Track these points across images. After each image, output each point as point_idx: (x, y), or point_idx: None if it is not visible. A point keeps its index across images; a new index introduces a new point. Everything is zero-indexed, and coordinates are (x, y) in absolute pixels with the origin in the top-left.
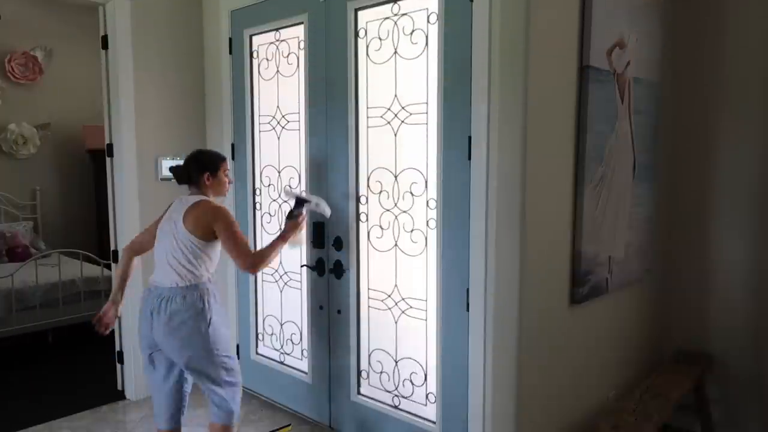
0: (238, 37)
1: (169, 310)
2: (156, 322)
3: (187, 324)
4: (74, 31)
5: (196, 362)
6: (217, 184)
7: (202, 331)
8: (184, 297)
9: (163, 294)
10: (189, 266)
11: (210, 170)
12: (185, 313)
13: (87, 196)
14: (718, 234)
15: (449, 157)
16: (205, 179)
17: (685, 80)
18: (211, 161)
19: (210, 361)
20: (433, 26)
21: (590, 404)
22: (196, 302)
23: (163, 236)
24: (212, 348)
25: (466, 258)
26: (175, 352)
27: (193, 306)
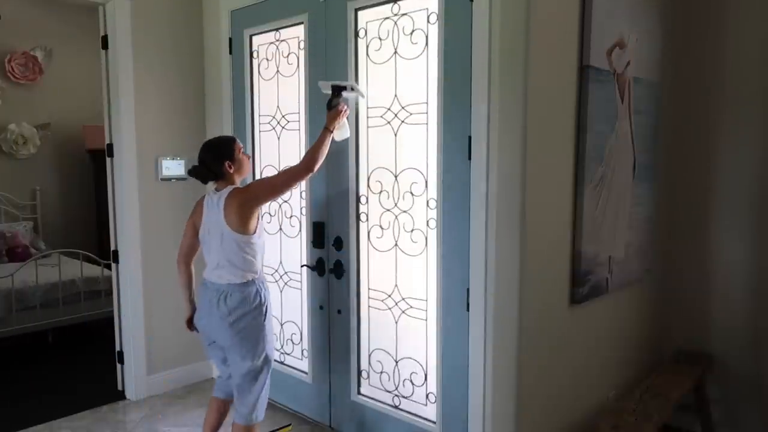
0: (238, 37)
1: (229, 305)
2: (213, 317)
3: (244, 319)
4: (74, 31)
5: (248, 356)
6: (238, 168)
7: (259, 324)
8: (242, 292)
9: (221, 289)
10: (240, 264)
11: (228, 157)
12: (242, 309)
13: (87, 196)
14: (718, 234)
15: (449, 157)
16: (227, 168)
17: (685, 80)
18: (225, 148)
19: (258, 355)
20: (433, 26)
21: (590, 404)
22: (253, 297)
23: (209, 237)
24: (267, 341)
25: (466, 258)
26: (230, 346)
27: (250, 301)
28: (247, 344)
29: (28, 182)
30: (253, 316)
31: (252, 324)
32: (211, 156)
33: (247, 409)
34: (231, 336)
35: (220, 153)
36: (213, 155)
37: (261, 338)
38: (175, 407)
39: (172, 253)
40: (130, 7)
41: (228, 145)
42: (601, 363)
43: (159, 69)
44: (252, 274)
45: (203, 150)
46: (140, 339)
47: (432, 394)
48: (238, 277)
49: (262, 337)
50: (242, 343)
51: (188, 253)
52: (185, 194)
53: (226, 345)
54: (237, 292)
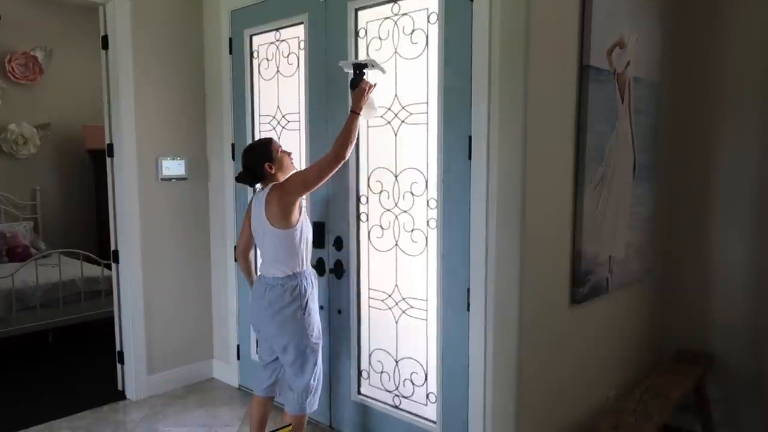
0: (238, 37)
1: (269, 297)
2: (260, 308)
3: (283, 312)
4: (74, 31)
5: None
6: (279, 167)
7: (298, 317)
8: (282, 286)
9: (267, 282)
10: (282, 258)
11: (267, 159)
12: (282, 300)
13: (87, 196)
14: (718, 234)
15: (449, 156)
16: (268, 168)
17: (685, 80)
18: (263, 150)
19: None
20: (434, 26)
21: (590, 404)
22: (293, 291)
23: (257, 233)
24: (307, 333)
25: (467, 258)
26: (272, 336)
27: (290, 294)
28: (287, 335)
29: (28, 182)
30: (293, 309)
31: (292, 316)
32: (251, 160)
33: (296, 399)
34: (273, 327)
35: (259, 156)
36: (253, 159)
37: (302, 330)
38: (176, 407)
39: (172, 253)
40: (130, 7)
41: (265, 147)
42: (601, 363)
43: (159, 69)
44: (293, 268)
45: (244, 156)
46: (140, 339)
47: (432, 394)
48: (280, 271)
49: (302, 329)
50: (283, 334)
51: (245, 249)
52: (185, 194)
53: (270, 335)
54: (279, 286)
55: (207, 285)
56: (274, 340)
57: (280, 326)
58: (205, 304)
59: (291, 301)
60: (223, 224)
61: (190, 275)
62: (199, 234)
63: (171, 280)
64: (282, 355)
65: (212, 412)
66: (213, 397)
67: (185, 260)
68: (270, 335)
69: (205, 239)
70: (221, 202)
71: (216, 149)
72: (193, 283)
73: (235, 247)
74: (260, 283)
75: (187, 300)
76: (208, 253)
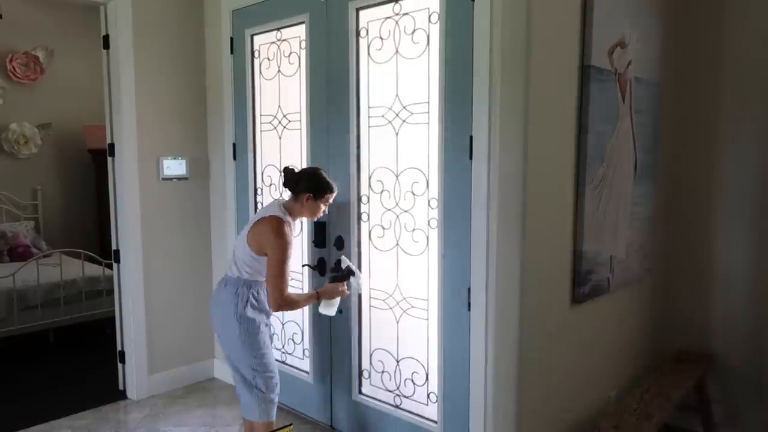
0: (239, 36)
1: (223, 294)
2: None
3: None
4: (75, 30)
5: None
6: (310, 208)
7: (234, 319)
8: (233, 285)
9: (227, 279)
10: (243, 266)
11: (314, 194)
12: (228, 299)
13: (88, 196)
14: (719, 233)
15: (450, 156)
16: (305, 199)
17: (686, 80)
18: (320, 187)
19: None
20: (435, 26)
21: (591, 403)
22: (239, 294)
23: (239, 235)
24: (241, 343)
25: (468, 257)
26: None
27: (236, 296)
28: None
29: (29, 182)
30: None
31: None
32: (307, 182)
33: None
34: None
35: (314, 185)
36: (309, 183)
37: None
38: (176, 407)
39: (173, 253)
40: (131, 6)
41: (324, 188)
42: (602, 362)
43: (160, 69)
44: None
45: (310, 170)
46: (141, 338)
47: (433, 393)
48: (238, 272)
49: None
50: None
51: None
52: (186, 194)
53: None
54: (230, 284)
55: (208, 285)
56: (220, 341)
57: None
58: (206, 303)
59: (232, 301)
60: (224, 224)
61: (191, 275)
62: (200, 233)
63: (172, 280)
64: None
65: (213, 412)
66: (214, 397)
67: (186, 260)
68: (220, 337)
69: (206, 239)
70: (222, 202)
71: (217, 149)
72: (194, 282)
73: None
74: (221, 280)
75: (188, 299)
76: (209, 252)
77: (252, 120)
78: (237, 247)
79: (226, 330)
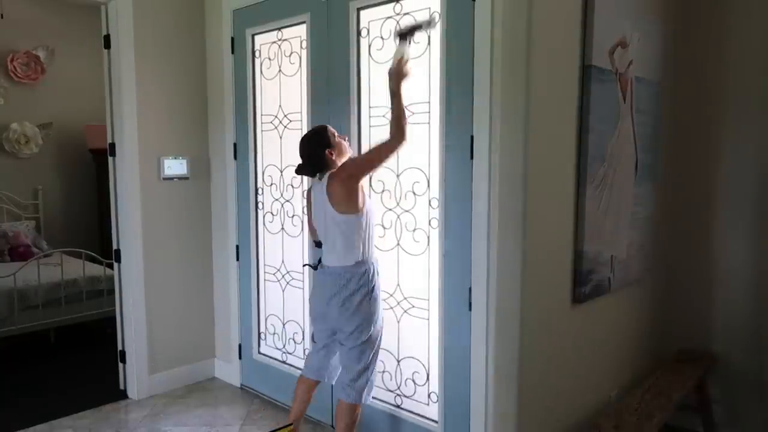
0: (240, 36)
1: (336, 286)
2: (324, 297)
3: (351, 300)
4: (76, 30)
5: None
6: (339, 152)
7: (365, 304)
8: (350, 273)
9: (332, 272)
10: (350, 246)
11: (327, 145)
12: (349, 288)
13: (89, 196)
14: (720, 233)
15: (451, 156)
16: (329, 155)
17: (687, 80)
18: (321, 137)
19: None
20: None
21: (592, 403)
22: (361, 278)
23: (320, 223)
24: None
25: (469, 257)
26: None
27: (358, 281)
28: (354, 323)
29: (30, 181)
30: (361, 296)
31: (359, 304)
32: (311, 149)
33: (351, 387)
34: (340, 316)
35: (317, 143)
36: (313, 148)
37: (369, 317)
38: (177, 406)
39: (174, 252)
40: (132, 6)
41: (322, 134)
42: (602, 362)
43: (161, 68)
44: (361, 255)
45: (303, 146)
46: (142, 338)
47: (434, 393)
48: (347, 259)
49: (368, 316)
50: (351, 322)
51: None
52: (187, 194)
53: (336, 322)
54: (346, 274)
55: (209, 284)
56: (340, 327)
57: (349, 315)
58: (207, 303)
59: (358, 288)
60: (225, 224)
61: (192, 274)
62: (201, 233)
63: (173, 280)
64: (346, 341)
65: (214, 412)
66: (215, 397)
67: (187, 259)
68: (336, 322)
69: (207, 238)
70: (223, 202)
71: (218, 148)
72: (195, 282)
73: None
74: (324, 274)
75: (189, 299)
76: (209, 252)
77: (253, 120)
78: (333, 234)
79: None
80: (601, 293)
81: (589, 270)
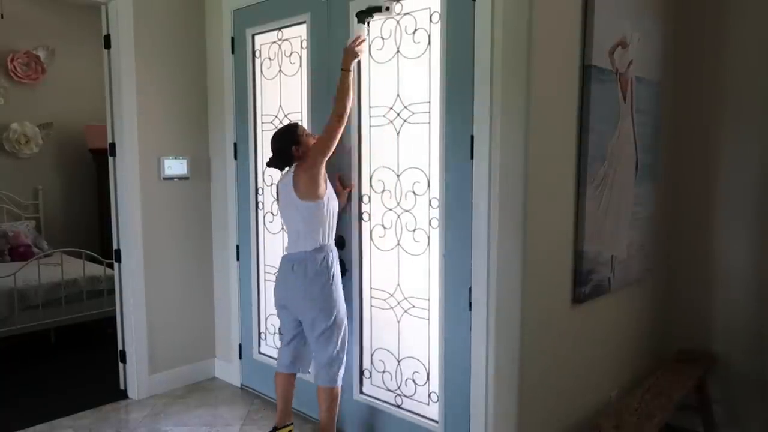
0: (240, 36)
1: (297, 272)
2: (288, 283)
3: (315, 284)
4: (76, 30)
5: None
6: (305, 150)
7: (326, 289)
8: (311, 259)
9: (294, 258)
10: (311, 232)
11: (293, 142)
12: (310, 272)
13: (89, 196)
14: (721, 233)
15: (451, 156)
16: (294, 151)
17: (687, 80)
18: (289, 134)
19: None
20: (436, 25)
21: (592, 403)
22: (320, 263)
23: (285, 212)
24: (335, 305)
25: (469, 257)
26: (301, 310)
27: (318, 266)
28: (316, 308)
29: (30, 181)
30: (322, 281)
31: (321, 289)
32: (278, 144)
33: (325, 372)
34: (303, 301)
35: (285, 139)
36: (281, 143)
37: (330, 302)
38: (177, 406)
39: (174, 252)
40: (132, 6)
41: (291, 131)
42: (603, 362)
43: (161, 68)
44: (321, 241)
45: (272, 141)
46: (142, 338)
47: (434, 393)
48: (308, 244)
49: (331, 300)
50: (312, 307)
51: None
52: (187, 194)
53: (298, 309)
54: (307, 259)
55: (209, 284)
56: (302, 314)
57: (311, 299)
58: (207, 303)
59: (319, 273)
60: (225, 224)
61: (192, 274)
62: (201, 233)
63: (173, 280)
64: (309, 329)
65: (214, 412)
66: (215, 397)
67: (187, 259)
68: (298, 309)
69: (207, 238)
70: (223, 202)
71: (218, 148)
72: (195, 282)
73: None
74: (286, 261)
75: (189, 299)
76: (210, 252)
77: (253, 119)
78: (295, 220)
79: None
80: (601, 293)
81: (590, 270)
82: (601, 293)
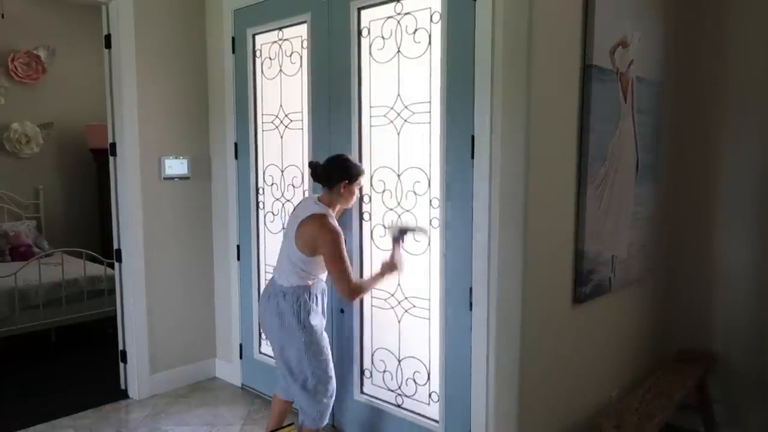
0: (241, 36)
1: (280, 305)
2: (267, 311)
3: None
4: (77, 30)
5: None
6: (348, 194)
7: (292, 327)
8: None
9: (280, 288)
10: (297, 274)
11: (350, 179)
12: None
13: (90, 195)
14: (721, 233)
15: (452, 156)
16: (342, 187)
17: (688, 79)
18: (353, 172)
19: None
20: (436, 25)
21: (593, 403)
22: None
23: (284, 240)
24: (305, 352)
25: (469, 257)
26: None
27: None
28: (277, 345)
29: (31, 181)
30: (289, 318)
31: (289, 328)
32: (339, 170)
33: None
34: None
35: (347, 171)
36: (342, 170)
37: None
38: (178, 406)
39: (175, 252)
40: (132, 6)
41: (357, 171)
42: (603, 362)
43: (162, 68)
44: (298, 282)
45: (338, 158)
46: (143, 338)
47: (435, 393)
48: (285, 281)
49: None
50: (278, 340)
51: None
52: (188, 193)
53: (269, 338)
54: (282, 294)
55: (210, 284)
56: (271, 343)
57: (277, 332)
58: (208, 303)
59: (290, 313)
60: (225, 223)
61: (193, 274)
62: (202, 233)
63: (174, 279)
64: (277, 360)
65: (214, 411)
66: (215, 397)
67: (188, 259)
68: (269, 337)
69: (208, 238)
70: (224, 201)
71: (219, 148)
72: (195, 282)
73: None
74: (267, 287)
75: (190, 299)
76: (210, 252)
77: (253, 119)
78: (285, 254)
79: (290, 339)
80: (601, 293)
81: (590, 270)
82: (601, 293)
